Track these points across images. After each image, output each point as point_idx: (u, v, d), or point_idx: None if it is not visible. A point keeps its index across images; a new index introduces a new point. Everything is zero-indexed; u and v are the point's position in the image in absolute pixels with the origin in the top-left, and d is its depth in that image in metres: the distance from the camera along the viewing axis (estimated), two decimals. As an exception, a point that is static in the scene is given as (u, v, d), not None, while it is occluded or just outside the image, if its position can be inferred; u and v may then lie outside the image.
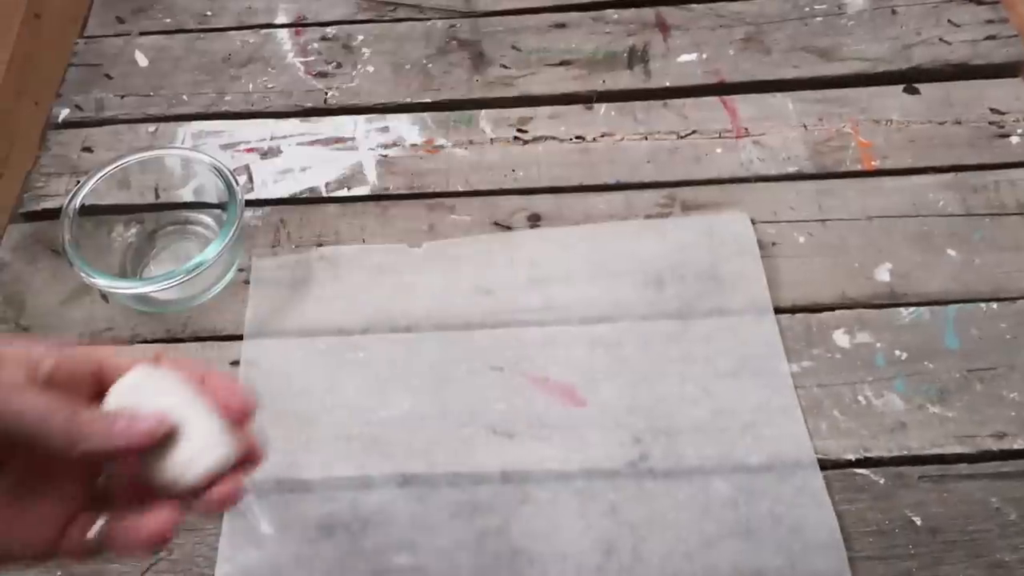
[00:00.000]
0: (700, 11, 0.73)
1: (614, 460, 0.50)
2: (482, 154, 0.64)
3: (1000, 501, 0.48)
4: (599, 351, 0.54)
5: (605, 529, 0.48)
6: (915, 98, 0.66)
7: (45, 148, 0.66)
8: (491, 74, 0.69)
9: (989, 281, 0.56)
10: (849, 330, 0.55)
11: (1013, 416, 0.51)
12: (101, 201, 0.57)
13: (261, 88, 0.69)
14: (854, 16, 0.71)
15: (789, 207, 0.60)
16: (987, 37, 0.69)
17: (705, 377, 0.53)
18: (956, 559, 0.47)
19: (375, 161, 0.64)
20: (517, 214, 0.61)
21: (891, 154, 0.63)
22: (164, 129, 0.67)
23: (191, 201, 0.61)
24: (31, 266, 0.60)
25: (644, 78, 0.69)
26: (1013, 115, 0.64)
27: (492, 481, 0.50)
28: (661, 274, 0.57)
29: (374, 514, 0.49)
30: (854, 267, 0.57)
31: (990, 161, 0.62)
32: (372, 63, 0.71)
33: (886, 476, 0.49)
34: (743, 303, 0.55)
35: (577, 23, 0.72)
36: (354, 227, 0.61)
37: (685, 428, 0.51)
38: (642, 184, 0.62)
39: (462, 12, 0.74)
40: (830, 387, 0.52)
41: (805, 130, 0.64)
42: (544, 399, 0.52)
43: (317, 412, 0.53)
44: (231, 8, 0.75)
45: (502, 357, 0.54)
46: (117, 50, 0.72)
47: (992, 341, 0.54)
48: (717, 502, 0.48)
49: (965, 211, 0.60)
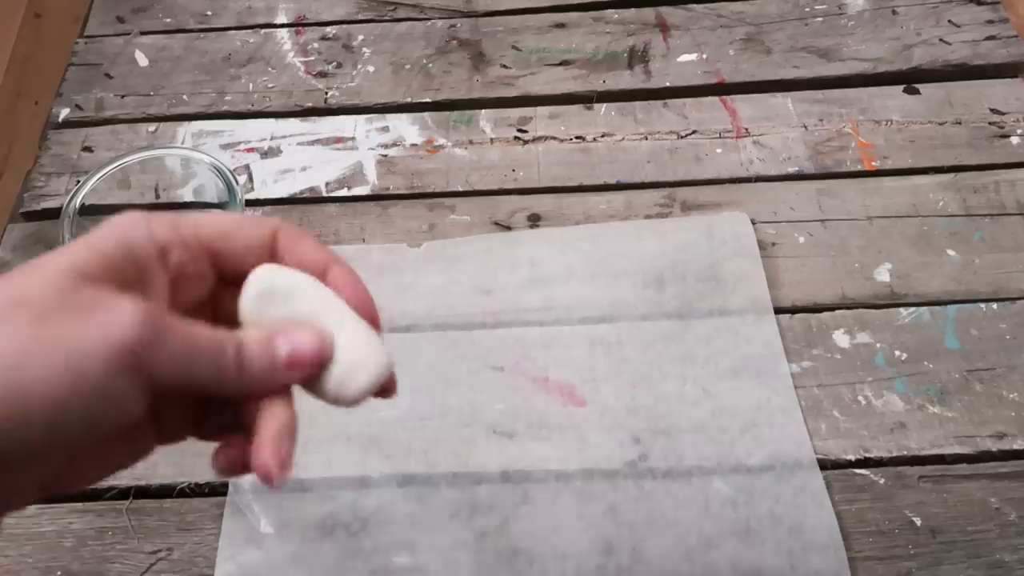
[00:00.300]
0: (700, 11, 0.73)
1: (613, 460, 0.50)
2: (482, 154, 0.64)
3: (1000, 501, 0.48)
4: (599, 351, 0.54)
5: (605, 529, 0.48)
6: (915, 98, 0.66)
7: (45, 148, 0.66)
8: (491, 74, 0.69)
9: (989, 281, 0.56)
10: (849, 330, 0.55)
11: (1013, 416, 0.51)
12: (101, 201, 0.57)
13: (261, 88, 0.69)
14: (854, 16, 0.71)
15: (789, 207, 0.60)
16: (987, 37, 0.69)
17: (705, 377, 0.53)
18: (956, 559, 0.47)
19: (375, 161, 0.64)
20: (517, 214, 0.61)
21: (891, 154, 0.63)
22: (164, 129, 0.67)
23: (191, 201, 0.61)
24: (31, 266, 0.60)
25: (644, 78, 0.69)
26: (1013, 115, 0.64)
27: (492, 481, 0.50)
28: (661, 274, 0.57)
29: (374, 514, 0.49)
30: (854, 267, 0.57)
31: (990, 161, 0.62)
32: (372, 63, 0.71)
33: (886, 476, 0.49)
34: (743, 303, 0.55)
35: (577, 23, 0.73)
36: (354, 227, 0.61)
37: (685, 428, 0.51)
38: (642, 184, 0.62)
39: (462, 12, 0.74)
40: (830, 387, 0.52)
41: (805, 130, 0.64)
42: (544, 399, 0.52)
43: (316, 412, 0.52)
44: (231, 8, 0.75)
45: (502, 357, 0.54)
46: (117, 50, 0.72)
47: (992, 341, 0.54)
48: (716, 502, 0.48)
49: (965, 211, 0.60)
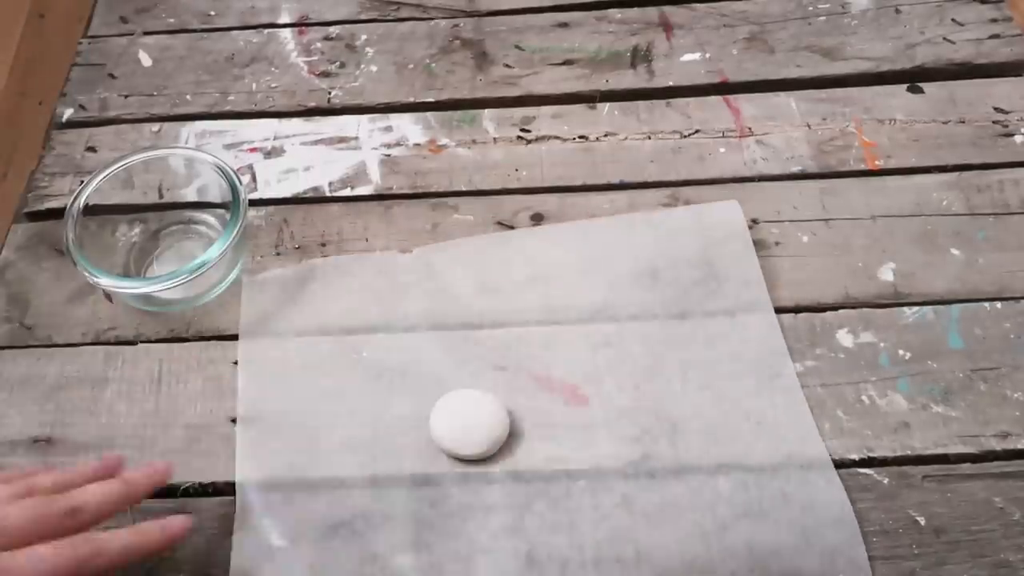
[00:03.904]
0: (703, 10, 0.73)
1: (621, 457, 0.50)
2: (485, 154, 0.64)
3: (1004, 501, 0.48)
4: (602, 349, 0.54)
5: (620, 519, 0.48)
6: (919, 97, 0.66)
7: (49, 148, 0.66)
8: (494, 73, 0.69)
9: (993, 281, 0.56)
10: (852, 330, 0.55)
11: (1017, 416, 0.51)
12: (105, 201, 0.57)
13: (264, 88, 0.69)
14: (858, 15, 0.71)
15: (792, 207, 0.60)
16: (991, 36, 0.69)
17: (707, 371, 0.53)
18: (960, 559, 0.46)
19: (378, 161, 0.64)
20: (520, 214, 0.61)
21: (895, 153, 0.63)
22: (168, 129, 0.67)
23: (195, 201, 0.61)
24: (35, 266, 0.60)
25: (647, 77, 0.69)
26: (1017, 114, 0.64)
27: (502, 481, 0.50)
28: (658, 269, 0.57)
29: (385, 517, 0.49)
30: (858, 267, 0.57)
31: (994, 160, 0.62)
32: (375, 63, 0.71)
33: (890, 476, 0.49)
34: (742, 296, 0.55)
35: (580, 22, 0.72)
36: (357, 227, 0.61)
37: (690, 423, 0.51)
38: (645, 184, 0.62)
39: (465, 11, 0.74)
40: (833, 387, 0.52)
41: (809, 129, 0.64)
42: (548, 398, 0.52)
43: (319, 415, 0.53)
44: (234, 8, 0.75)
45: (504, 357, 0.54)
46: (121, 50, 0.72)
47: (996, 341, 0.54)
48: (728, 487, 0.48)
49: (969, 211, 0.59)
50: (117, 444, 0.52)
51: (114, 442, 0.52)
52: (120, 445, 0.52)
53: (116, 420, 0.53)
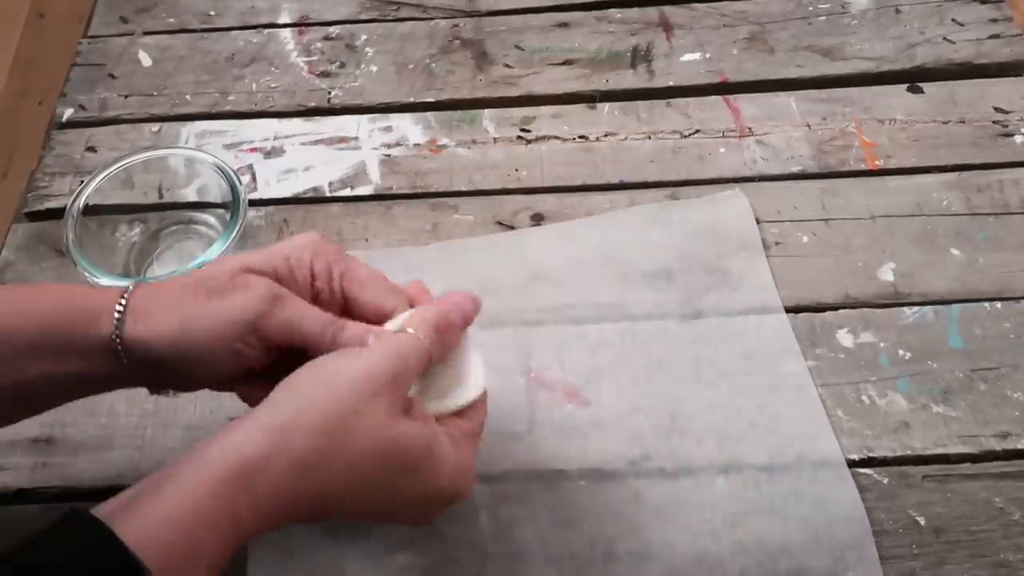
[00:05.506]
0: (703, 10, 0.73)
1: (624, 457, 0.50)
2: (485, 154, 0.64)
3: (1004, 501, 0.48)
4: (604, 348, 0.54)
5: (630, 516, 0.48)
6: (919, 97, 0.66)
7: (49, 148, 0.66)
8: (494, 73, 0.69)
9: (993, 281, 0.56)
10: (853, 330, 0.55)
11: (1017, 416, 0.51)
12: (105, 201, 0.57)
13: (264, 88, 0.69)
14: (858, 15, 0.71)
15: (792, 206, 0.60)
16: (991, 36, 0.69)
17: (714, 368, 0.53)
18: (960, 559, 0.46)
19: (378, 161, 0.64)
20: (520, 214, 0.61)
21: (895, 153, 0.63)
22: (167, 129, 0.67)
23: (194, 201, 0.61)
24: (35, 266, 0.60)
25: (647, 77, 0.69)
26: (1017, 114, 0.64)
27: (500, 481, 0.50)
28: (666, 268, 0.57)
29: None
30: (858, 267, 0.57)
31: (994, 160, 0.62)
32: (375, 63, 0.71)
33: (890, 476, 0.49)
34: (750, 293, 0.55)
35: (580, 22, 0.72)
36: (357, 227, 0.61)
37: (701, 420, 0.51)
38: (645, 184, 0.62)
39: (465, 11, 0.74)
40: (834, 387, 0.52)
41: (809, 129, 0.64)
42: (548, 397, 0.52)
43: None
44: (234, 8, 0.75)
45: (506, 357, 0.54)
46: (121, 50, 0.72)
47: (996, 341, 0.54)
48: (738, 484, 0.48)
49: (969, 210, 0.59)
50: (117, 444, 0.52)
51: (114, 442, 0.52)
52: (120, 445, 0.52)
53: (116, 420, 0.53)
